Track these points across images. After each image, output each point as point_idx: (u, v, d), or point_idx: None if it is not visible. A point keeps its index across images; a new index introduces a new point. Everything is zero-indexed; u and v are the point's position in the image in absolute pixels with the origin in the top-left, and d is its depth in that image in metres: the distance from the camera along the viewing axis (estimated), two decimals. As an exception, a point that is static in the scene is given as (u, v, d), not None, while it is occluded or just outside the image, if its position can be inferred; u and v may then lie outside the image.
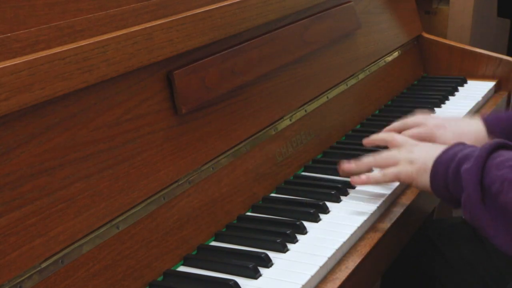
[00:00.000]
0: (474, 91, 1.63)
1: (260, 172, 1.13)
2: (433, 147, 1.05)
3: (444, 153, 0.99)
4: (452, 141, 1.16)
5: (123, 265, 0.86)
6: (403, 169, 1.04)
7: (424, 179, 1.01)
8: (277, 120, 1.20)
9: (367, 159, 1.10)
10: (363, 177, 1.09)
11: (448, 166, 0.96)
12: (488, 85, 1.66)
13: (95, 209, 0.84)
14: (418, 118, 1.25)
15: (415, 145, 1.08)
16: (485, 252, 1.18)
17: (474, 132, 1.18)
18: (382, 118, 1.48)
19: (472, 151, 0.95)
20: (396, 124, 1.27)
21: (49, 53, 0.78)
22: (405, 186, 1.17)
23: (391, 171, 1.06)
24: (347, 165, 1.12)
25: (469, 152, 0.96)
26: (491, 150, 0.92)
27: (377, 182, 1.09)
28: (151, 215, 0.92)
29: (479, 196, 0.90)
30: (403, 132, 1.25)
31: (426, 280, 1.21)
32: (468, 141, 1.16)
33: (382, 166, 1.09)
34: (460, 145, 1.00)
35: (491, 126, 1.18)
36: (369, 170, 1.12)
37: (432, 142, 1.20)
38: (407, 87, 1.70)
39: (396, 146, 1.11)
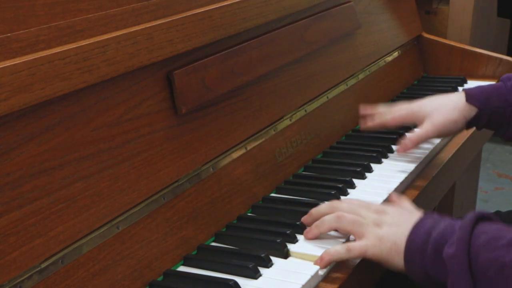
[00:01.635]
0: (474, 91, 1.63)
1: (260, 172, 1.13)
2: (401, 220, 0.92)
3: (415, 232, 0.88)
4: (432, 113, 1.19)
5: (123, 265, 0.86)
6: (371, 246, 0.91)
7: (397, 262, 0.89)
8: (277, 120, 1.20)
9: (329, 220, 0.96)
10: (325, 254, 0.92)
11: (423, 250, 0.86)
12: (488, 85, 1.66)
13: (95, 209, 0.84)
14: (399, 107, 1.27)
15: (381, 213, 0.94)
16: None
17: (452, 102, 1.21)
18: (382, 118, 1.48)
19: (447, 227, 0.85)
20: (376, 121, 1.28)
21: (49, 53, 0.78)
22: (404, 187, 1.17)
23: (358, 247, 0.91)
24: (308, 233, 0.98)
25: (443, 230, 0.85)
26: (471, 227, 0.82)
27: (340, 259, 0.92)
28: (151, 215, 0.92)
29: (471, 284, 0.80)
30: (383, 115, 1.25)
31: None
32: (447, 110, 1.20)
33: (344, 232, 0.96)
34: (430, 218, 0.89)
35: (470, 94, 1.21)
36: (329, 230, 0.97)
37: (412, 119, 1.24)
38: (407, 87, 1.70)
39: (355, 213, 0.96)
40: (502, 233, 0.81)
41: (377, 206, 0.97)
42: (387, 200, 1.09)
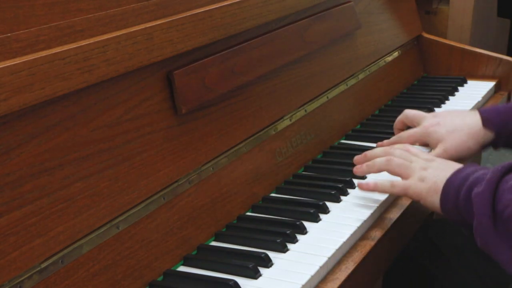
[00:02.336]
0: (474, 91, 1.63)
1: (260, 172, 1.13)
2: (447, 166, 1.01)
3: (455, 175, 0.97)
4: (446, 137, 1.18)
5: (123, 265, 0.86)
6: (413, 185, 1.01)
7: (434, 200, 0.98)
8: (277, 120, 1.20)
9: (380, 162, 1.07)
10: (371, 183, 1.06)
11: (459, 190, 0.94)
12: (488, 85, 1.66)
13: (95, 209, 0.84)
14: (414, 122, 1.27)
15: (429, 161, 1.05)
16: (485, 253, 1.18)
17: (467, 127, 1.19)
18: (382, 118, 1.48)
19: (484, 173, 0.92)
20: (393, 138, 1.28)
21: (49, 53, 0.78)
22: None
23: (401, 184, 1.03)
24: (358, 169, 1.10)
25: (480, 175, 0.93)
26: (503, 173, 0.89)
27: (384, 192, 1.06)
28: (151, 215, 0.92)
29: (490, 221, 0.87)
30: (400, 134, 1.26)
31: (426, 280, 1.21)
32: (461, 136, 1.18)
33: (393, 173, 1.06)
34: (472, 167, 0.97)
35: (486, 118, 1.19)
36: (379, 171, 1.09)
37: (426, 141, 1.22)
38: (407, 87, 1.70)
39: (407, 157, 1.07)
40: None
41: (427, 155, 1.08)
42: (387, 200, 1.09)
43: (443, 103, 1.56)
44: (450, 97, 1.60)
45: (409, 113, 1.29)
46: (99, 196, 0.84)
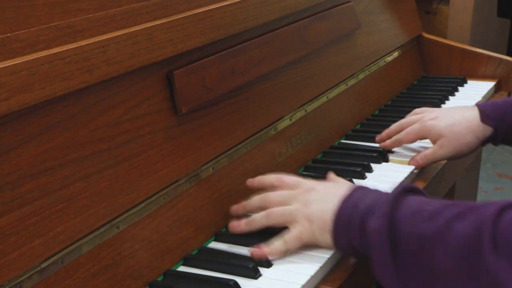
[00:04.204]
0: (474, 91, 1.63)
1: (260, 172, 1.13)
2: (328, 195, 0.92)
3: (342, 208, 0.88)
4: (445, 131, 1.18)
5: (123, 265, 0.86)
6: (303, 230, 0.92)
7: (327, 239, 0.90)
8: (277, 120, 1.20)
9: (259, 218, 0.96)
10: (264, 249, 0.92)
11: (349, 224, 0.86)
12: (488, 85, 1.66)
13: (95, 209, 0.84)
14: (414, 117, 1.27)
15: (308, 192, 0.95)
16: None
17: (466, 121, 1.19)
18: (382, 118, 1.48)
19: (374, 201, 0.86)
20: (393, 127, 1.28)
21: (49, 53, 0.78)
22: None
23: (292, 235, 0.92)
24: (236, 228, 0.98)
25: (371, 203, 0.85)
26: (397, 201, 0.83)
27: (281, 253, 0.92)
28: (151, 215, 0.92)
29: (390, 257, 0.81)
30: (398, 135, 1.26)
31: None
32: (460, 130, 1.17)
33: (278, 225, 0.95)
34: (359, 191, 0.90)
35: (484, 113, 1.19)
36: (261, 228, 0.97)
37: (425, 135, 1.22)
38: (407, 87, 1.70)
39: (287, 188, 0.98)
40: (425, 206, 0.82)
41: (307, 184, 0.97)
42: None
43: (443, 103, 1.56)
44: (450, 97, 1.60)
45: (404, 122, 1.28)
46: (99, 196, 0.84)
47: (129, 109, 0.90)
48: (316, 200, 0.93)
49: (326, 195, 0.93)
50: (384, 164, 1.23)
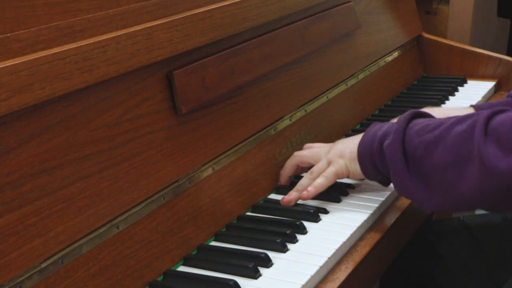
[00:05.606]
0: (474, 91, 1.63)
1: (260, 172, 1.13)
2: (350, 137, 1.08)
3: (365, 136, 1.03)
4: None
5: (123, 265, 0.86)
6: (337, 165, 1.06)
7: (356, 167, 1.04)
8: (277, 120, 1.20)
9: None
10: (310, 188, 1.06)
11: (371, 148, 1.00)
12: (488, 85, 1.66)
13: (95, 209, 0.84)
14: None
15: (332, 144, 1.11)
16: (483, 255, 1.18)
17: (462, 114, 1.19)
18: (382, 118, 1.47)
19: (390, 126, 0.99)
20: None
21: (49, 53, 0.78)
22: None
23: (330, 170, 1.06)
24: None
25: (387, 128, 0.99)
26: (407, 121, 0.96)
27: (322, 187, 1.07)
28: (151, 215, 0.92)
29: (404, 166, 0.94)
30: None
31: (424, 282, 1.21)
32: None
33: (307, 164, 1.12)
34: (377, 124, 1.03)
35: (481, 109, 1.19)
36: (293, 167, 1.15)
37: None
38: (407, 87, 1.70)
39: (315, 159, 1.12)
40: (431, 121, 0.95)
41: (323, 144, 1.14)
42: (386, 201, 1.09)
43: (443, 103, 1.56)
44: (450, 97, 1.60)
45: None
46: (99, 196, 0.84)
47: (129, 109, 0.90)
48: (340, 142, 1.10)
49: (347, 139, 1.09)
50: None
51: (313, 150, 1.13)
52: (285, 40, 1.23)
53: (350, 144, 1.06)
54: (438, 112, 1.23)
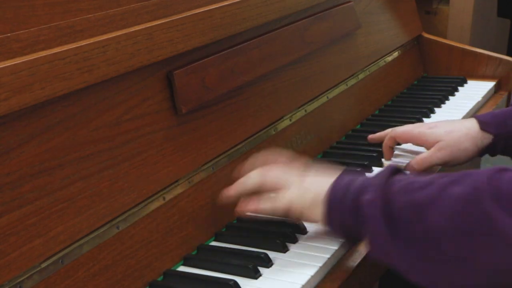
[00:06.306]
0: (474, 91, 1.63)
1: (260, 172, 1.13)
2: (323, 173, 0.95)
3: (336, 183, 0.91)
4: (443, 136, 1.17)
5: (123, 265, 0.86)
6: (295, 196, 0.94)
7: (317, 212, 0.91)
8: (277, 120, 1.20)
9: (253, 176, 0.99)
10: (253, 203, 0.96)
11: (343, 201, 0.88)
12: (488, 85, 1.66)
13: (95, 209, 0.84)
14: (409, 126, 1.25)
15: (305, 171, 0.98)
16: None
17: (465, 128, 1.18)
18: (382, 118, 1.48)
19: (365, 179, 0.88)
20: (387, 131, 1.27)
21: (49, 53, 0.78)
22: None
23: (284, 197, 0.94)
24: (228, 193, 1.00)
25: (363, 181, 0.88)
26: (388, 177, 0.86)
27: (266, 211, 0.96)
28: (151, 215, 0.92)
29: (387, 228, 0.81)
30: (399, 131, 1.24)
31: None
32: (459, 136, 1.17)
33: (270, 189, 0.97)
34: (350, 173, 0.93)
35: (484, 121, 1.18)
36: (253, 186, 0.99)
37: (424, 142, 1.20)
38: (407, 87, 1.70)
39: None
40: (416, 179, 0.84)
41: (302, 168, 0.99)
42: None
43: (443, 103, 1.56)
44: (450, 97, 1.60)
45: (399, 130, 1.24)
46: (99, 196, 0.84)
47: (129, 109, 0.90)
48: (312, 174, 0.96)
49: (319, 174, 0.96)
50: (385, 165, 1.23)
51: (281, 176, 0.98)
52: (285, 40, 1.23)
53: (320, 181, 0.93)
54: (441, 125, 1.21)
